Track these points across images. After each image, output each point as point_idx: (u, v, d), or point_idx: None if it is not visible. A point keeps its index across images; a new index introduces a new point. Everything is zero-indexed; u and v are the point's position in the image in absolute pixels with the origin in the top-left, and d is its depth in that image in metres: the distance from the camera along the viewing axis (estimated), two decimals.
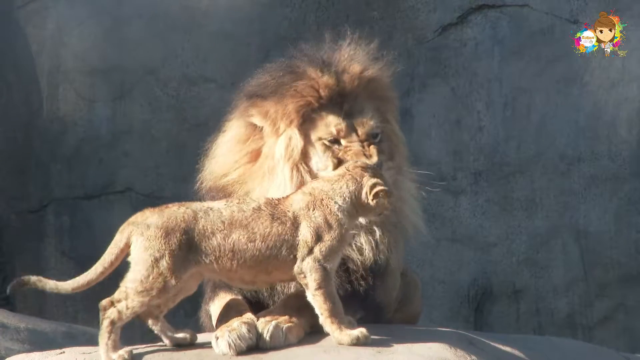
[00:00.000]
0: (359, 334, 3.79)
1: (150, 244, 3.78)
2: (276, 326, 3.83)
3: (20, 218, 8.51)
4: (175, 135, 8.16)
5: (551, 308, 7.71)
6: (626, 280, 7.61)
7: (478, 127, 7.83)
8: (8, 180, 8.53)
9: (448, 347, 3.86)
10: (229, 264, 3.79)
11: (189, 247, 3.77)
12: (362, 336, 3.79)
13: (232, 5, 8.10)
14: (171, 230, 3.77)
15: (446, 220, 7.86)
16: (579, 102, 7.68)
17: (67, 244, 8.42)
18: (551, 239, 7.70)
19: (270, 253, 3.80)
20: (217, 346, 3.81)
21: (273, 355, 3.77)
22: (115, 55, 8.31)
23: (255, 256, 3.79)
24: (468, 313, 7.79)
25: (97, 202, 8.29)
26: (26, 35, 8.47)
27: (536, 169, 7.73)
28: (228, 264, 3.79)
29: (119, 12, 8.31)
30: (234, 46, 8.03)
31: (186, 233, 3.77)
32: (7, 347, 5.41)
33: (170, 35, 8.20)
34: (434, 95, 7.89)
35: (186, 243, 3.77)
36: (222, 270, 3.82)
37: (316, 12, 8.02)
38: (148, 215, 3.84)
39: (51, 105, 8.46)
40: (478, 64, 7.84)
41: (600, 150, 7.64)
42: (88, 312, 8.15)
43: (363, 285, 4.18)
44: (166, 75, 8.25)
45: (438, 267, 7.85)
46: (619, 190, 7.62)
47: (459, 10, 7.88)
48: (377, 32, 7.91)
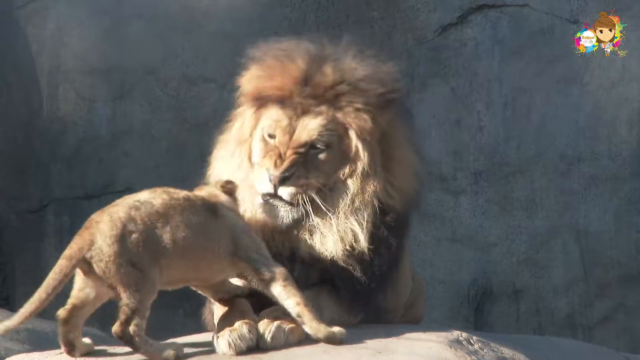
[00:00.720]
0: (336, 331, 3.80)
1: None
2: (278, 327, 3.82)
3: (20, 218, 8.52)
4: (175, 135, 8.16)
5: (551, 308, 7.71)
6: (626, 280, 7.61)
7: (478, 127, 7.83)
8: (8, 180, 8.54)
9: (448, 347, 3.86)
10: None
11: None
12: (339, 334, 3.80)
13: (232, 5, 8.10)
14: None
15: (446, 220, 7.86)
16: (579, 102, 7.68)
17: (67, 244, 8.40)
18: (551, 239, 7.70)
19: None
20: (218, 345, 3.81)
21: (273, 355, 3.77)
22: (115, 55, 8.31)
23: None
24: (468, 313, 7.79)
25: (97, 202, 8.28)
26: (26, 35, 8.47)
27: (536, 169, 7.73)
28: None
29: (119, 12, 8.31)
30: (234, 46, 8.03)
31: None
32: (7, 347, 5.40)
33: (170, 35, 8.20)
34: (434, 95, 7.89)
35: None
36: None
37: (316, 12, 8.02)
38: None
39: (51, 105, 8.46)
40: (478, 64, 7.84)
41: (600, 150, 7.64)
42: None
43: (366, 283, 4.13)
44: (166, 75, 8.25)
45: (438, 267, 7.85)
46: (619, 190, 7.62)
47: (459, 10, 7.88)
48: (377, 32, 7.92)
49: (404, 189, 4.21)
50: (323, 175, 4.09)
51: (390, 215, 4.16)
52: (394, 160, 4.21)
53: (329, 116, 4.12)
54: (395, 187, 4.19)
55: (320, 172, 4.08)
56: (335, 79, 4.14)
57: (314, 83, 4.14)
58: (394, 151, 4.23)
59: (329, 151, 4.11)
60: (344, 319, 4.11)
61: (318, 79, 4.14)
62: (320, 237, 4.08)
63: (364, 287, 4.12)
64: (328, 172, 4.11)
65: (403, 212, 4.23)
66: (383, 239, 4.15)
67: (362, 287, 4.12)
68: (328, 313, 4.06)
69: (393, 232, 4.18)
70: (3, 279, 8.48)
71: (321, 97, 4.13)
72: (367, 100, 4.13)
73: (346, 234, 4.08)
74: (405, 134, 4.32)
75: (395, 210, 4.18)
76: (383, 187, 4.15)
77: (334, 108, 4.13)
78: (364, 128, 4.11)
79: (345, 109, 4.13)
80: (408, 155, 4.29)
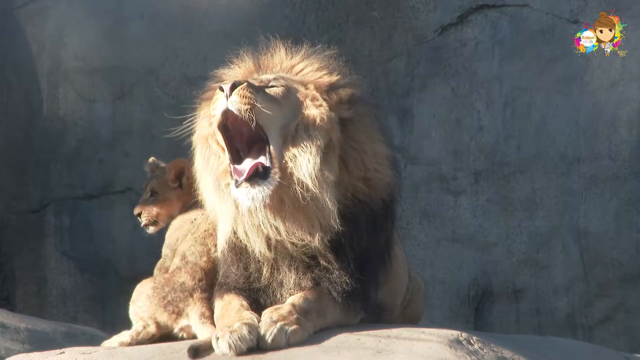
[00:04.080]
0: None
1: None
2: (280, 329, 3.83)
3: (20, 218, 8.52)
4: (175, 135, 8.14)
5: (551, 308, 7.71)
6: (626, 280, 7.61)
7: (478, 127, 7.83)
8: (8, 180, 8.53)
9: (448, 347, 3.86)
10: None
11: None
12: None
13: (232, 5, 8.10)
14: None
15: (446, 220, 7.86)
16: (579, 102, 7.68)
17: (67, 244, 8.42)
18: (551, 239, 7.70)
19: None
20: (218, 347, 3.82)
21: (273, 355, 3.77)
22: (115, 55, 8.31)
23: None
24: (468, 313, 7.79)
25: (97, 202, 8.29)
26: (26, 35, 8.47)
27: (536, 169, 7.73)
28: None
29: (119, 12, 8.31)
30: (234, 46, 8.03)
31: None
32: (7, 347, 5.40)
33: (170, 35, 8.21)
34: (434, 95, 7.89)
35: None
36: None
37: (316, 12, 8.02)
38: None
39: (51, 105, 8.46)
40: (478, 64, 7.83)
41: (600, 150, 7.64)
42: (88, 312, 8.16)
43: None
44: (166, 75, 8.25)
45: (438, 267, 7.85)
46: (619, 190, 7.61)
47: (459, 10, 7.88)
48: (377, 32, 7.92)
49: (374, 179, 4.22)
50: (276, 106, 4.12)
51: (366, 204, 4.17)
52: (362, 152, 4.23)
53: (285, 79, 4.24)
54: (366, 178, 4.20)
55: (273, 103, 4.12)
56: (286, 64, 4.34)
57: (265, 68, 4.35)
58: (362, 143, 4.24)
59: (283, 90, 4.18)
60: (345, 320, 4.12)
61: (269, 65, 4.36)
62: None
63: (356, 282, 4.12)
64: (282, 108, 4.15)
65: (381, 201, 4.22)
66: (363, 227, 4.15)
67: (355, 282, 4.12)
68: (330, 316, 4.08)
69: (374, 220, 4.19)
70: (3, 279, 8.48)
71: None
72: (321, 79, 4.27)
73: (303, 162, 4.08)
74: (370, 125, 4.31)
75: (372, 199, 4.19)
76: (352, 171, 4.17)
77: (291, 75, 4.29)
78: (320, 86, 4.21)
79: (302, 73, 4.30)
80: (375, 146, 4.28)
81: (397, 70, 7.94)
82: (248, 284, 4.16)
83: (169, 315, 4.15)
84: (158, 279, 4.29)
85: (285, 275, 4.12)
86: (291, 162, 4.08)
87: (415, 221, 7.88)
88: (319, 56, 4.36)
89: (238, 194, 4.05)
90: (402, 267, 4.59)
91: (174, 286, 4.23)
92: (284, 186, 4.06)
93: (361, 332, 3.96)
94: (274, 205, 4.06)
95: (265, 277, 4.15)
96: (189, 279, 4.25)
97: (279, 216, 4.07)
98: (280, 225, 4.07)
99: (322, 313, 4.02)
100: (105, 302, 8.07)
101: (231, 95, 4.08)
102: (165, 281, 4.25)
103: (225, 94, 4.10)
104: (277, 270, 4.14)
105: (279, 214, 4.08)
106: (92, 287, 8.28)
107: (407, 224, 7.81)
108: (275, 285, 4.14)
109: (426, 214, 7.86)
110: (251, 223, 4.09)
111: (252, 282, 4.16)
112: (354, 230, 4.14)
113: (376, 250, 4.23)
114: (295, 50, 4.40)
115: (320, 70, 4.32)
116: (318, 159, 4.07)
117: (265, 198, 4.02)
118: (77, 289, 8.35)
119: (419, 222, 7.88)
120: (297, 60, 4.37)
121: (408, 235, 7.77)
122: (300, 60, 4.37)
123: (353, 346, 3.79)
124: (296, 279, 4.11)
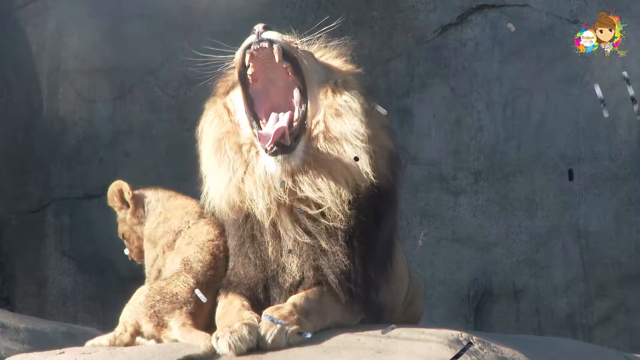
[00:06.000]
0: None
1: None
2: (281, 329, 3.83)
3: (20, 218, 8.52)
4: (175, 135, 8.15)
5: (551, 308, 7.71)
6: (626, 280, 7.61)
7: (478, 127, 7.83)
8: (8, 180, 8.53)
9: (448, 347, 3.86)
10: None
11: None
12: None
13: (232, 5, 8.10)
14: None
15: (446, 220, 7.86)
16: (579, 102, 7.68)
17: (67, 244, 8.42)
18: (551, 239, 7.70)
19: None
20: (218, 347, 3.82)
21: (273, 355, 3.78)
22: (115, 55, 8.31)
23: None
24: (468, 313, 7.79)
25: (97, 202, 8.29)
26: (26, 35, 8.47)
27: (536, 169, 7.73)
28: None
29: (119, 12, 8.31)
30: (234, 46, 8.03)
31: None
32: (7, 347, 5.41)
33: (170, 35, 8.21)
34: (434, 95, 7.89)
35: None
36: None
37: (316, 12, 8.02)
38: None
39: (51, 105, 8.46)
40: (478, 64, 7.84)
41: (600, 150, 7.65)
42: (88, 312, 8.16)
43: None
44: (166, 75, 8.25)
45: (438, 267, 7.85)
46: (619, 190, 7.62)
47: (459, 10, 7.88)
48: (377, 32, 7.93)
49: (379, 167, 4.20)
50: (312, 59, 4.22)
51: (370, 194, 4.15)
52: (374, 120, 4.27)
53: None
54: (371, 164, 4.18)
55: (310, 56, 4.21)
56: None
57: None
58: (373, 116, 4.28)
59: (308, 56, 4.24)
60: (345, 320, 4.11)
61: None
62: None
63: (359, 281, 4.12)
64: (317, 63, 4.23)
65: (385, 178, 4.20)
66: (370, 213, 4.14)
67: (357, 281, 4.12)
68: (331, 317, 4.07)
69: (380, 201, 4.18)
70: (3, 279, 8.49)
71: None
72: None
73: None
74: (375, 116, 4.32)
75: (377, 171, 4.16)
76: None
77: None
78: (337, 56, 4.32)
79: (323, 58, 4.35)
80: (381, 135, 4.29)
81: (397, 70, 7.95)
82: (254, 265, 4.14)
83: (154, 327, 4.13)
84: (155, 286, 4.26)
85: (289, 258, 4.10)
86: (332, 118, 4.09)
87: (415, 221, 7.89)
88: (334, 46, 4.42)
89: (267, 161, 4.08)
90: (402, 268, 4.59)
91: (164, 296, 4.18)
92: (314, 145, 4.09)
93: (361, 332, 3.96)
94: (305, 162, 4.09)
95: (270, 258, 4.12)
96: (185, 291, 4.22)
97: (308, 172, 4.09)
98: (307, 180, 4.08)
99: (322, 313, 4.02)
100: (105, 302, 8.07)
101: (264, 31, 4.10)
102: (159, 289, 4.21)
103: (258, 31, 4.09)
104: (281, 254, 4.12)
105: (310, 170, 4.09)
106: (92, 287, 8.28)
107: (407, 224, 7.81)
108: (279, 270, 4.12)
109: (426, 214, 7.86)
110: (268, 186, 4.09)
111: (257, 266, 4.14)
112: (362, 220, 4.11)
113: (382, 244, 4.22)
114: (310, 42, 4.40)
115: (339, 57, 4.40)
116: (363, 117, 4.10)
117: (295, 165, 4.07)
118: (77, 289, 8.35)
119: (419, 222, 7.88)
120: (315, 49, 4.39)
121: (408, 235, 7.78)
122: (318, 49, 4.40)
123: (353, 346, 3.79)
124: (299, 263, 4.09)
